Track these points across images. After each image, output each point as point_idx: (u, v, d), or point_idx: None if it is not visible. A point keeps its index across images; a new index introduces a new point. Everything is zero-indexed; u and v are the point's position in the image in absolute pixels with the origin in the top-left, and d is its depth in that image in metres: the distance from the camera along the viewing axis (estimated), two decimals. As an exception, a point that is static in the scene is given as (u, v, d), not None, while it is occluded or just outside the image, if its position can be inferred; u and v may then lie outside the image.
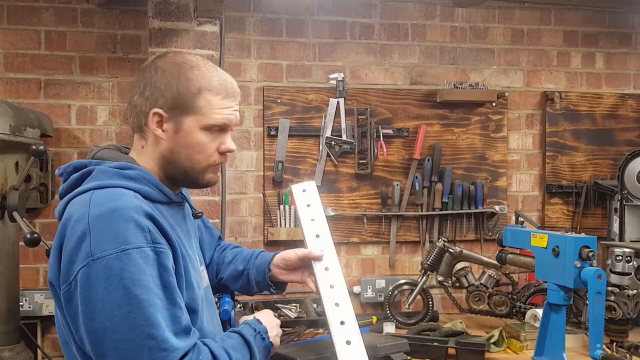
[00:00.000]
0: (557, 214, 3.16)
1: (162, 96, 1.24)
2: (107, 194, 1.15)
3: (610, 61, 3.26)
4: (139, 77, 1.28)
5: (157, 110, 1.24)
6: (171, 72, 1.25)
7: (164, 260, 1.13)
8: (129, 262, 1.08)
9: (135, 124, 1.29)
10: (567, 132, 3.17)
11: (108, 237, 1.09)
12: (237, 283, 1.62)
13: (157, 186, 1.25)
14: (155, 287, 1.10)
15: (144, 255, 1.10)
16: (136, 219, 1.11)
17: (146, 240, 1.11)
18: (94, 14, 2.80)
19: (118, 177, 1.20)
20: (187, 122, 1.26)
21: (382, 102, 2.99)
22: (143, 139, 1.29)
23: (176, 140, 1.26)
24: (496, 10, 3.15)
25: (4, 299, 2.29)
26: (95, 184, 1.18)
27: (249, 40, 2.91)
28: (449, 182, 2.99)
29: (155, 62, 1.28)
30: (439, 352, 2.21)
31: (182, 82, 1.25)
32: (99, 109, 2.81)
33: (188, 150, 1.27)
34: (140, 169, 1.25)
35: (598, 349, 2.04)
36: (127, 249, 1.08)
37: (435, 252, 2.64)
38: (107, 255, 1.07)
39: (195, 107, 1.26)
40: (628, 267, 2.28)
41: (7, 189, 2.24)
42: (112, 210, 1.11)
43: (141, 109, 1.26)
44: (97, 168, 1.22)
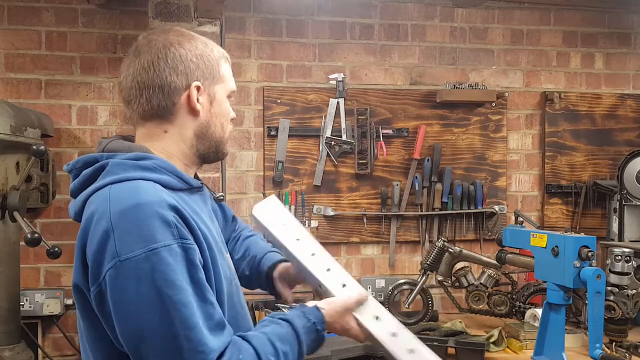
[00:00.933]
0: (556, 214, 3.17)
1: (198, 68, 1.20)
2: (127, 188, 1.09)
3: (609, 61, 3.27)
4: (151, 56, 1.18)
5: (197, 84, 1.20)
6: (192, 43, 1.22)
7: (192, 256, 1.07)
8: (159, 262, 1.03)
9: (157, 106, 1.19)
10: (566, 132, 3.18)
11: (134, 235, 1.04)
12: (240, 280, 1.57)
13: (176, 174, 1.18)
14: (185, 284, 1.04)
15: (173, 253, 1.04)
16: (161, 213, 1.05)
17: (173, 237, 1.05)
18: (95, 14, 2.81)
19: (135, 169, 1.13)
20: (218, 90, 1.25)
21: (382, 102, 3.00)
22: (167, 122, 1.21)
23: (212, 111, 1.24)
24: (496, 10, 3.15)
25: (5, 298, 2.30)
26: (111, 179, 1.11)
27: (249, 41, 2.92)
28: (448, 182, 2.99)
29: (165, 37, 1.21)
30: (439, 351, 2.20)
31: (206, 51, 1.23)
32: (99, 109, 2.82)
33: (221, 120, 1.26)
34: (157, 158, 1.17)
35: (597, 349, 2.04)
36: (156, 248, 1.03)
37: (435, 252, 2.65)
38: (136, 256, 1.02)
39: (220, 74, 1.25)
40: (627, 266, 2.28)
41: (7, 189, 2.24)
42: (135, 206, 1.05)
43: (175, 86, 1.18)
44: (110, 161, 1.15)
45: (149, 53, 1.19)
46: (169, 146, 1.22)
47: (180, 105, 1.20)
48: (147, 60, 1.18)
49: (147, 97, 1.19)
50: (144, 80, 1.18)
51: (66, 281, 2.80)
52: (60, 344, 2.78)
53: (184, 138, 1.23)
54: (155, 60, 1.18)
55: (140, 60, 1.19)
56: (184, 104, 1.20)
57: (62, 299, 2.71)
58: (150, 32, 1.25)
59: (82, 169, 1.18)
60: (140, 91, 1.19)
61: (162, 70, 1.18)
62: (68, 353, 2.78)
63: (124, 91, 1.22)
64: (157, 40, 1.20)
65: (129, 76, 1.20)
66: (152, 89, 1.18)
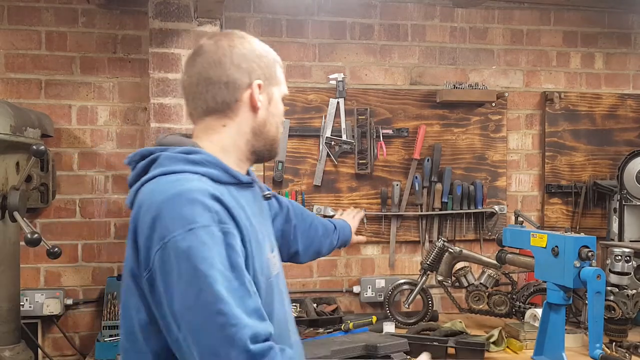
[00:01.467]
0: (556, 214, 3.17)
1: (259, 67, 1.29)
2: (173, 179, 1.15)
3: (609, 61, 3.27)
4: (217, 54, 1.26)
5: (259, 82, 1.28)
6: (255, 46, 1.31)
7: (231, 240, 1.11)
8: (195, 240, 1.06)
9: (220, 101, 1.26)
10: (566, 132, 3.18)
11: (175, 219, 1.08)
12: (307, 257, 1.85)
13: (223, 168, 1.23)
14: (222, 266, 1.07)
15: (211, 234, 1.08)
16: (201, 200, 1.10)
17: (213, 220, 1.09)
18: (95, 14, 2.81)
19: (183, 163, 1.19)
20: (275, 91, 1.34)
21: (382, 102, 3.00)
22: (227, 117, 1.28)
23: (269, 110, 1.32)
24: (496, 10, 3.15)
25: (5, 298, 2.30)
26: (160, 170, 1.18)
27: (249, 41, 2.91)
28: (448, 182, 2.99)
29: (229, 39, 1.29)
30: (439, 351, 2.22)
31: (264, 53, 1.32)
32: (99, 109, 2.82)
33: (276, 119, 1.34)
34: (205, 153, 1.23)
35: (597, 349, 2.04)
36: (193, 227, 1.07)
37: (435, 252, 2.65)
38: (175, 237, 1.07)
39: (276, 77, 1.34)
40: (627, 266, 2.28)
41: (7, 189, 2.24)
42: (178, 194, 1.11)
43: (238, 83, 1.26)
44: (162, 154, 1.22)
45: (215, 52, 1.26)
46: (225, 140, 1.28)
47: (242, 102, 1.27)
48: (213, 59, 1.25)
49: (212, 93, 1.26)
50: (210, 77, 1.25)
51: (66, 281, 2.80)
52: (60, 344, 2.78)
53: (241, 133, 1.29)
54: (222, 58, 1.25)
55: (207, 58, 1.26)
56: (245, 100, 1.27)
57: (62, 299, 2.71)
58: (214, 34, 1.36)
59: (139, 161, 1.25)
60: (206, 87, 1.26)
61: (227, 68, 1.25)
62: (68, 353, 2.79)
63: (188, 88, 1.29)
64: (222, 41, 1.28)
65: (195, 74, 1.27)
66: (218, 85, 1.25)
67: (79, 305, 2.81)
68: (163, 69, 2.58)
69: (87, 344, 2.79)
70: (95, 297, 2.81)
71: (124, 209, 2.84)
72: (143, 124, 2.84)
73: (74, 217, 2.80)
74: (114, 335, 2.50)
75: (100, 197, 2.82)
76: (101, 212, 2.82)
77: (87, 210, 2.81)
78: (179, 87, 2.60)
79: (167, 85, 2.59)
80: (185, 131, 2.60)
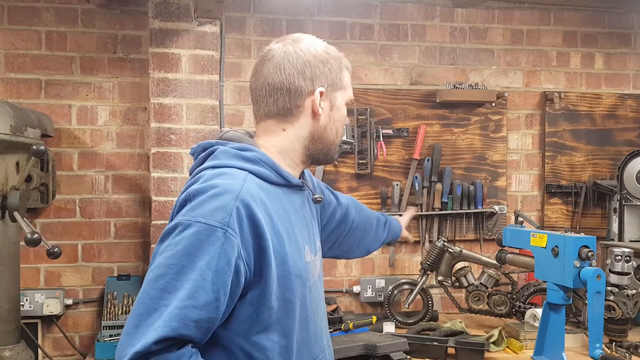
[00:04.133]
0: (556, 213, 3.17)
1: (323, 74, 1.32)
2: (218, 173, 1.20)
3: (609, 61, 3.27)
4: (283, 60, 1.30)
5: (322, 89, 1.31)
6: (320, 51, 1.34)
7: (229, 246, 1.12)
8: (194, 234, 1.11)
9: (282, 107, 1.31)
10: (566, 132, 3.18)
11: (194, 207, 1.14)
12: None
13: (275, 168, 1.27)
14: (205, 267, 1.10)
15: (211, 233, 1.11)
16: (225, 198, 1.14)
17: (222, 222, 1.12)
18: (95, 14, 2.81)
19: (236, 158, 1.24)
20: (339, 96, 1.37)
21: (382, 102, 3.00)
22: (287, 122, 1.32)
23: (330, 116, 1.35)
24: (496, 10, 3.15)
25: (5, 298, 2.30)
26: (213, 163, 1.24)
27: (249, 41, 2.92)
28: (448, 182, 2.99)
29: (296, 44, 1.32)
30: (439, 351, 2.22)
31: (330, 59, 1.34)
32: (99, 109, 2.82)
33: (337, 125, 1.38)
34: (260, 152, 1.27)
35: (597, 349, 2.04)
36: (200, 221, 1.11)
37: (435, 252, 2.65)
38: (185, 220, 1.12)
39: (342, 82, 1.37)
40: (627, 266, 2.29)
41: (7, 189, 2.24)
42: (212, 186, 1.16)
43: (301, 89, 1.30)
44: (220, 148, 1.27)
45: (281, 58, 1.31)
46: (284, 143, 1.33)
47: (304, 108, 1.32)
48: (278, 65, 1.30)
49: (274, 98, 1.31)
50: (274, 83, 1.30)
51: (66, 281, 2.80)
52: (60, 344, 2.78)
53: (299, 137, 1.33)
54: (287, 64, 1.30)
55: (273, 63, 1.31)
56: (307, 107, 1.31)
57: (62, 299, 2.71)
58: (283, 38, 1.36)
59: (200, 152, 1.32)
60: (269, 92, 1.31)
61: (291, 75, 1.29)
62: (68, 353, 2.79)
63: (254, 91, 1.34)
64: (289, 46, 1.32)
65: (261, 78, 1.32)
66: (280, 91, 1.30)
67: (79, 305, 2.81)
68: (163, 69, 2.59)
69: (87, 344, 2.79)
70: (95, 297, 2.81)
71: (124, 209, 2.84)
72: (143, 124, 2.84)
73: (74, 217, 2.80)
74: (114, 335, 2.51)
75: (100, 197, 2.82)
76: (101, 212, 2.82)
77: (87, 210, 2.81)
78: (178, 87, 2.60)
79: (167, 85, 2.59)
80: (186, 131, 2.61)
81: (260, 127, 1.36)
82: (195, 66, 2.61)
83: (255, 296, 1.18)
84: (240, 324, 1.19)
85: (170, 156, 2.60)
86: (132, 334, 1.06)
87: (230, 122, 2.86)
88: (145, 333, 1.05)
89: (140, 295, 1.11)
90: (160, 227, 2.58)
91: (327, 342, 1.42)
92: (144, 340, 1.04)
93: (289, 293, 1.22)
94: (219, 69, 2.68)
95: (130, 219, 2.84)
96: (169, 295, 1.08)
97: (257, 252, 1.17)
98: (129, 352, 1.04)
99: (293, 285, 1.23)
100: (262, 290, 1.18)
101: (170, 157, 2.60)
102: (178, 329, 1.06)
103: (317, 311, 1.35)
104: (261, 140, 1.34)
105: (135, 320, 1.08)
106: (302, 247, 1.29)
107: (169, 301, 1.07)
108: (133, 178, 2.84)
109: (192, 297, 1.08)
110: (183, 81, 2.60)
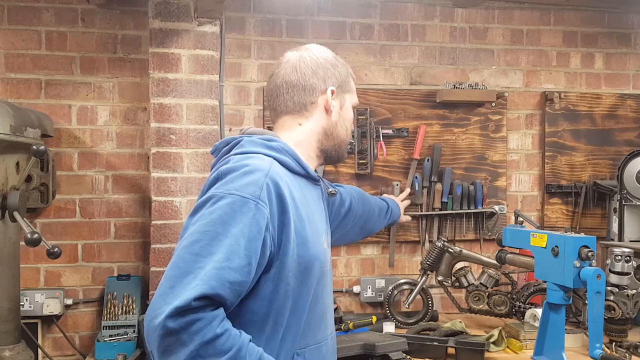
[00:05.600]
0: (556, 213, 3.17)
1: (333, 76, 1.48)
2: (246, 157, 1.31)
3: (609, 61, 3.27)
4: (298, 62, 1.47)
5: (333, 88, 1.48)
6: (330, 57, 1.51)
7: (260, 217, 1.20)
8: (229, 204, 1.19)
9: (298, 102, 1.46)
10: (566, 132, 3.18)
11: (228, 182, 1.23)
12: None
13: (296, 158, 1.39)
14: (240, 235, 1.16)
15: (244, 204, 1.19)
16: (256, 175, 1.24)
17: (253, 195, 1.21)
18: (95, 14, 2.81)
19: (262, 146, 1.35)
20: (347, 99, 1.53)
21: (382, 102, 3.00)
22: (303, 117, 1.47)
23: (340, 115, 1.50)
24: (495, 10, 3.15)
25: (5, 298, 2.30)
26: (240, 150, 1.34)
27: (249, 41, 2.92)
28: (448, 182, 2.99)
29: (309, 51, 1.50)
30: (439, 351, 2.22)
31: (339, 65, 1.51)
32: (99, 109, 2.82)
33: (346, 124, 1.52)
34: (283, 142, 1.39)
35: (597, 349, 2.04)
36: (234, 193, 1.20)
37: (434, 252, 2.65)
38: (218, 192, 1.21)
39: (349, 86, 1.53)
40: (627, 266, 2.28)
41: (7, 188, 2.24)
42: (243, 165, 1.26)
43: (315, 87, 1.46)
44: (245, 139, 1.38)
45: (297, 60, 1.48)
46: (299, 136, 1.46)
47: (317, 104, 1.46)
48: (294, 66, 1.47)
49: (291, 95, 1.46)
50: (290, 81, 1.46)
51: (66, 281, 2.80)
52: (60, 344, 2.78)
53: (313, 132, 1.47)
54: (302, 65, 1.47)
55: (289, 65, 1.47)
56: (320, 103, 1.46)
57: (62, 299, 2.71)
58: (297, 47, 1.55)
59: (224, 147, 1.42)
60: (286, 89, 1.46)
61: (306, 74, 1.46)
62: (68, 353, 2.79)
63: (272, 91, 1.49)
64: (303, 51, 1.50)
65: (278, 78, 1.48)
66: (296, 88, 1.46)
67: (79, 305, 2.81)
68: (163, 69, 2.59)
69: (87, 344, 2.79)
70: (95, 297, 2.81)
71: (124, 208, 2.84)
72: (143, 124, 2.84)
73: (74, 217, 2.80)
74: (114, 335, 2.51)
75: (100, 197, 2.82)
76: (101, 212, 2.82)
77: (87, 210, 2.81)
78: (178, 87, 2.60)
79: (167, 85, 2.59)
80: (186, 131, 2.61)
81: (277, 124, 1.49)
82: (195, 66, 2.61)
83: (275, 272, 1.25)
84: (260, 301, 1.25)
85: (170, 156, 2.60)
86: (167, 294, 1.10)
87: (230, 122, 2.86)
88: (183, 291, 1.09)
89: (174, 260, 1.16)
90: (160, 227, 2.59)
91: (331, 332, 1.49)
92: (184, 296, 1.08)
93: (307, 273, 1.30)
94: (219, 69, 2.68)
95: (130, 219, 2.84)
96: (204, 259, 1.13)
97: (280, 227, 1.25)
98: (167, 308, 1.07)
99: (311, 267, 1.31)
100: (281, 266, 1.26)
101: (170, 157, 2.60)
102: (216, 288, 1.11)
103: (326, 300, 1.43)
104: (279, 135, 1.45)
105: (170, 282, 1.12)
106: (320, 234, 1.39)
107: (204, 264, 1.13)
108: (133, 178, 2.85)
109: (227, 259, 1.14)
110: (183, 81, 2.60)
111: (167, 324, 1.06)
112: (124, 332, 2.54)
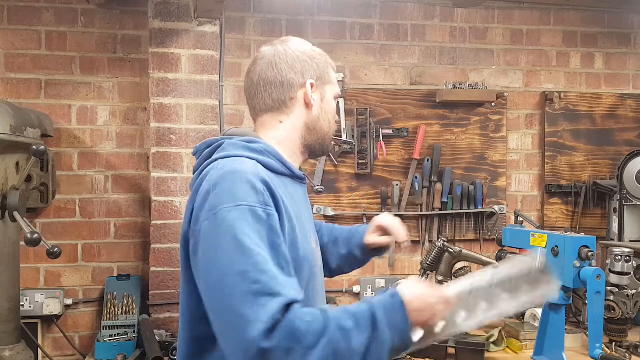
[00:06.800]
0: (556, 213, 3.17)
1: (312, 68, 1.42)
2: (231, 161, 1.26)
3: (609, 61, 3.27)
4: (274, 58, 1.39)
5: (312, 81, 1.41)
6: (307, 49, 1.45)
7: (273, 222, 1.18)
8: (240, 217, 1.14)
9: (277, 100, 1.39)
10: (566, 132, 3.18)
11: (227, 193, 1.18)
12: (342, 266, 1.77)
13: (279, 159, 1.35)
14: (262, 243, 1.14)
15: (256, 214, 1.16)
16: (252, 181, 1.20)
17: (259, 202, 1.18)
18: (95, 14, 2.81)
19: (244, 149, 1.31)
20: (328, 90, 1.46)
21: (382, 102, 3.00)
22: (283, 114, 1.40)
23: (322, 108, 1.44)
24: (495, 10, 3.15)
25: (5, 298, 2.30)
26: (222, 154, 1.30)
27: (249, 41, 2.92)
28: (448, 182, 2.99)
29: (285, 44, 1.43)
30: (439, 351, 2.22)
31: (317, 56, 1.45)
32: (99, 109, 2.82)
33: (329, 116, 1.46)
34: (265, 143, 1.35)
35: (597, 349, 2.04)
36: (241, 204, 1.16)
37: (434, 251, 2.64)
38: (223, 209, 1.15)
39: (329, 78, 1.46)
40: (627, 266, 2.28)
41: (7, 188, 2.24)
42: (232, 172, 1.21)
43: (293, 82, 1.39)
44: (226, 141, 1.34)
45: (272, 56, 1.40)
46: (281, 134, 1.41)
47: (297, 100, 1.40)
48: (270, 62, 1.40)
49: (269, 92, 1.40)
50: (267, 78, 1.39)
51: (66, 281, 2.80)
52: (60, 344, 2.78)
53: (295, 128, 1.41)
54: (278, 60, 1.40)
55: (265, 61, 1.40)
56: (300, 98, 1.40)
57: (62, 299, 2.71)
58: (272, 41, 1.46)
59: (205, 149, 1.37)
60: (264, 87, 1.40)
61: (282, 69, 1.39)
62: (68, 353, 2.79)
63: (249, 89, 1.43)
64: (278, 46, 1.42)
65: (255, 76, 1.41)
66: (274, 85, 1.39)
67: (79, 305, 2.81)
68: (163, 69, 2.59)
69: (87, 344, 2.79)
70: (95, 297, 2.81)
71: (123, 209, 2.84)
72: (143, 124, 2.84)
73: (74, 217, 2.80)
74: (113, 335, 2.51)
75: (100, 197, 2.82)
76: (101, 212, 2.82)
77: (87, 210, 2.81)
78: (178, 87, 2.60)
79: (167, 85, 2.59)
80: (186, 131, 2.61)
81: (258, 123, 1.44)
82: (195, 66, 2.61)
83: None
84: None
85: (170, 156, 2.60)
86: (244, 317, 1.06)
87: (230, 122, 2.86)
88: (261, 312, 1.06)
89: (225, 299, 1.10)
90: (160, 227, 2.59)
91: None
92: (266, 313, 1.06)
93: (297, 275, 1.25)
94: (219, 69, 2.68)
95: (130, 219, 2.84)
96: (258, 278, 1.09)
97: None
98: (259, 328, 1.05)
99: (301, 268, 1.28)
100: None
101: (170, 157, 2.60)
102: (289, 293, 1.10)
103: (317, 300, 1.40)
104: (260, 134, 1.41)
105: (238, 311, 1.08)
106: (308, 235, 1.36)
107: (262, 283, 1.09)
108: (133, 178, 2.84)
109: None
110: (183, 81, 2.60)
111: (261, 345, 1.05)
112: (124, 332, 2.54)
